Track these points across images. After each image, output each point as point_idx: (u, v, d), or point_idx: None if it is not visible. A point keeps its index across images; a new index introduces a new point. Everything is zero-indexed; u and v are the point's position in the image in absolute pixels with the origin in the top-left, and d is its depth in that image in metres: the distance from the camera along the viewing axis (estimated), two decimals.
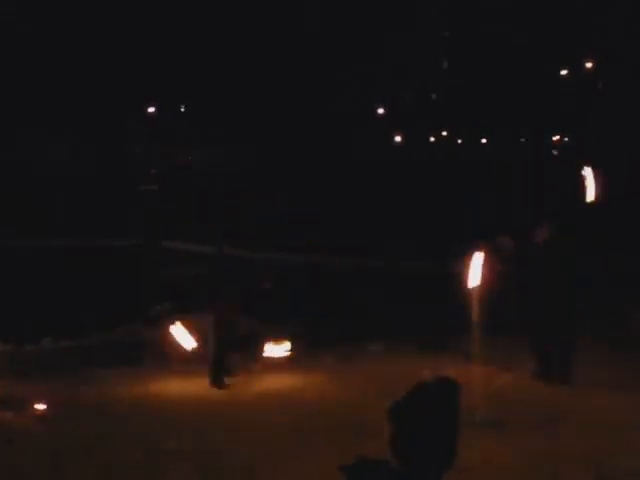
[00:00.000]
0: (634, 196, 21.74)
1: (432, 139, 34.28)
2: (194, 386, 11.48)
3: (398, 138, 32.78)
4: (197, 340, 12.02)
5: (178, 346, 12.13)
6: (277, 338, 13.22)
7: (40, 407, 10.23)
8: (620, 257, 17.17)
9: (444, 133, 34.21)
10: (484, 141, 33.14)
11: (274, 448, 8.70)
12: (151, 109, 25.59)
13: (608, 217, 18.85)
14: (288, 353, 13.09)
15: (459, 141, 34.01)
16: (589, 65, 29.29)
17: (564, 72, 29.54)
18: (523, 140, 33.36)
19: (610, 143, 27.41)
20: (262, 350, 13.17)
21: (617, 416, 9.75)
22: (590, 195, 12.50)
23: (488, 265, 10.44)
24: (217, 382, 11.49)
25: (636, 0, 25.03)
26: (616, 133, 27.03)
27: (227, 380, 11.58)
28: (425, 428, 4.05)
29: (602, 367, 11.91)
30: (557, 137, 34.00)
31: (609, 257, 16.68)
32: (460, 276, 11.21)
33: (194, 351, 12.07)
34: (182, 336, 12.06)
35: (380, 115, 29.65)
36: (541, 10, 26.54)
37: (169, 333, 12.19)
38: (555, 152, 34.49)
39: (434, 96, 32.36)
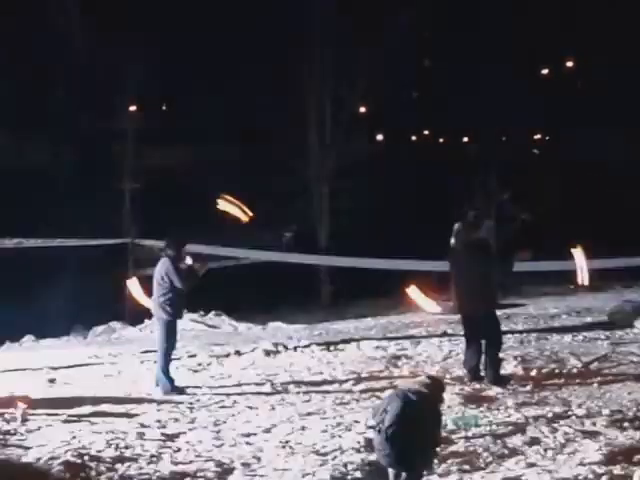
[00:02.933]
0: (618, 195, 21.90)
1: (414, 138, 34.38)
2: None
3: (380, 137, 32.87)
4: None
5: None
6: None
7: (21, 406, 10.19)
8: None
9: (426, 132, 34.32)
10: (466, 140, 33.25)
11: (258, 448, 8.70)
12: (133, 107, 25.56)
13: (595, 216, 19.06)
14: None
15: (440, 140, 34.11)
16: (570, 64, 29.42)
17: (545, 71, 29.67)
18: (504, 139, 33.50)
19: (592, 142, 27.53)
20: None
21: (599, 413, 9.80)
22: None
23: None
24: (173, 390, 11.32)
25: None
26: (599, 132, 27.18)
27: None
28: (409, 427, 4.06)
29: (585, 367, 11.98)
30: (538, 136, 34.13)
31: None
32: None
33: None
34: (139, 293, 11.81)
35: (362, 114, 29.73)
36: (525, 9, 26.68)
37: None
38: (536, 151, 34.60)
39: (415, 94, 32.44)
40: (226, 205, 12.19)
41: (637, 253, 15.85)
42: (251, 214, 12.00)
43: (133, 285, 12.26)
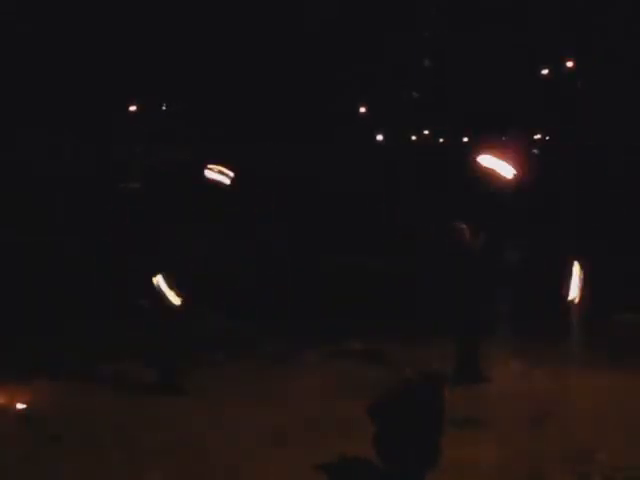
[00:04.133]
0: (622, 194, 21.80)
1: (414, 137, 34.29)
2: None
3: (380, 137, 32.76)
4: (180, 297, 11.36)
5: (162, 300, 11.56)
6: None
7: (21, 406, 10.18)
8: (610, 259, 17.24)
9: (426, 132, 34.21)
10: (466, 140, 33.17)
11: (257, 448, 8.69)
12: (133, 107, 25.52)
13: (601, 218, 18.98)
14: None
15: (440, 140, 34.02)
16: (570, 64, 29.34)
17: (545, 71, 29.60)
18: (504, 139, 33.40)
19: (592, 141, 27.44)
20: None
21: (601, 415, 9.80)
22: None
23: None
24: (168, 388, 11.27)
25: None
26: (599, 132, 27.08)
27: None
28: (409, 427, 4.03)
29: (586, 367, 11.97)
30: (539, 136, 34.06)
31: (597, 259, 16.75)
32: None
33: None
34: (166, 290, 11.34)
35: (362, 114, 29.68)
36: (526, 9, 26.61)
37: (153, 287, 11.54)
38: (536, 151, 34.52)
39: (415, 94, 32.36)
40: (214, 174, 11.89)
41: None
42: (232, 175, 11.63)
43: None
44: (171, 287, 11.32)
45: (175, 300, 11.34)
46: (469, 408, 9.75)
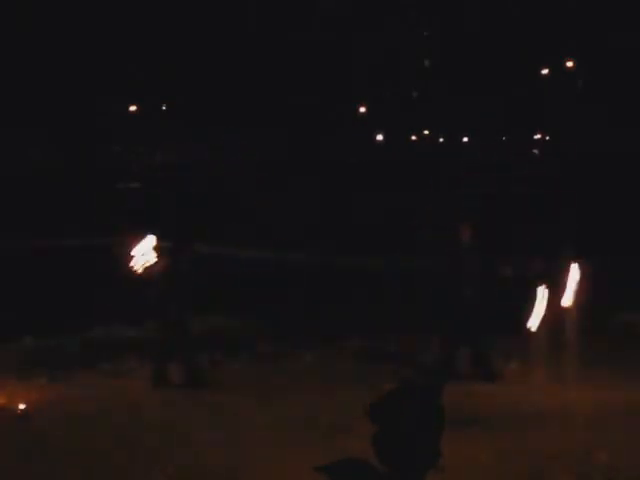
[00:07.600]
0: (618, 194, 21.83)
1: (414, 137, 34.30)
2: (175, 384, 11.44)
3: (380, 137, 32.78)
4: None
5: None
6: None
7: (21, 406, 10.19)
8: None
9: (426, 132, 34.23)
10: (465, 140, 33.19)
11: (257, 448, 8.69)
12: (132, 107, 25.54)
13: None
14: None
15: (440, 140, 34.03)
16: (570, 64, 29.38)
17: (545, 71, 29.63)
18: (504, 139, 33.38)
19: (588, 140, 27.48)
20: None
21: (601, 415, 9.80)
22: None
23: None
24: (158, 382, 11.36)
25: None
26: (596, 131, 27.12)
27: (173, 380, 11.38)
28: (409, 427, 4.03)
29: (585, 366, 11.96)
30: (539, 135, 34.10)
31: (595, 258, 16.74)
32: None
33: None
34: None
35: (362, 114, 29.70)
36: (525, 9, 26.65)
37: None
38: (536, 151, 34.52)
39: (415, 94, 32.39)
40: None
41: None
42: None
43: None
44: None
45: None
46: (469, 408, 9.75)
